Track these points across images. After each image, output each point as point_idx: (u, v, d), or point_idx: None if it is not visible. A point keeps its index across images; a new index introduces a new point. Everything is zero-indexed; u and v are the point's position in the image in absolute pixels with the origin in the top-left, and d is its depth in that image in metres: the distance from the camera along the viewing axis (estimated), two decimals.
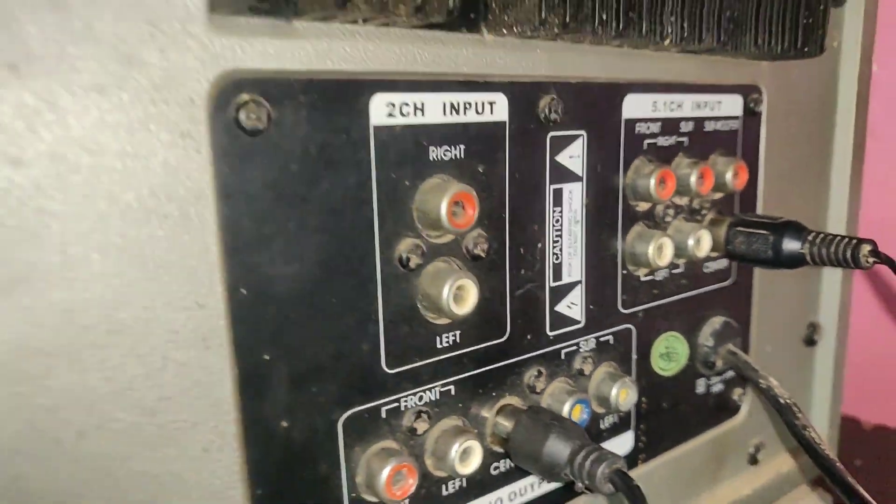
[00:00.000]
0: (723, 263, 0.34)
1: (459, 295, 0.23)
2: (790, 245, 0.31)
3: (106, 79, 0.17)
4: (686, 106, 0.30)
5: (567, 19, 0.22)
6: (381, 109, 0.21)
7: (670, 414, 0.33)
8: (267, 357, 0.20)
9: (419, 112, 0.22)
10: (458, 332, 0.25)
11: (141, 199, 0.18)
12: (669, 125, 0.30)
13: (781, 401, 0.31)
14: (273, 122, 0.19)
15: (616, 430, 0.31)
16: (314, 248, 0.21)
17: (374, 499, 0.23)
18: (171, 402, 0.19)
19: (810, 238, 0.30)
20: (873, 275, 0.55)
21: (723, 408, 0.36)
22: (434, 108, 0.23)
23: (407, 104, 0.22)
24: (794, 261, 0.31)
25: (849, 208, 0.39)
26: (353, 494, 0.23)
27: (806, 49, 0.32)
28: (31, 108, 0.16)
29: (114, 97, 0.17)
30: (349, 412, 0.22)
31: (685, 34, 0.26)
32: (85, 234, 0.17)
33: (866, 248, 0.29)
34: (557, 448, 0.24)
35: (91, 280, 0.17)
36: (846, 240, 0.30)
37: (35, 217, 0.17)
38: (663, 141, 0.30)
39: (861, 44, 0.38)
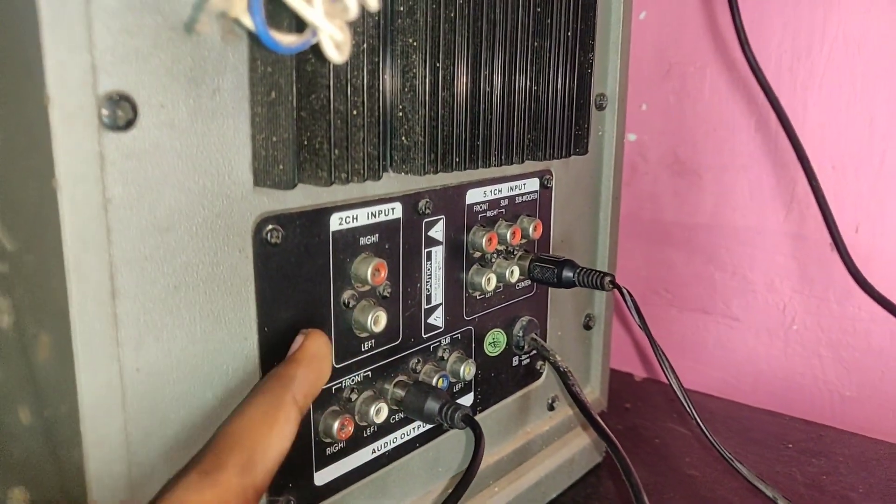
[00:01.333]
0: (527, 283, 0.52)
1: (377, 320, 0.40)
2: (566, 274, 0.50)
3: (209, 219, 0.33)
4: (503, 190, 0.49)
5: (437, 168, 0.39)
6: (336, 221, 0.38)
7: (496, 380, 0.52)
8: (276, 363, 0.36)
9: (354, 220, 0.39)
10: (373, 341, 0.42)
11: (219, 279, 0.33)
12: (494, 203, 0.48)
13: (561, 369, 0.50)
14: (284, 237, 0.35)
15: (462, 392, 0.49)
16: (302, 301, 0.37)
17: (329, 440, 0.40)
18: (218, 369, 0.35)
19: (578, 270, 0.50)
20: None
21: (530, 374, 0.55)
22: (362, 216, 0.39)
23: (349, 217, 0.39)
24: (570, 284, 0.50)
25: (609, 248, 0.59)
26: (317, 438, 0.39)
27: (578, 150, 0.51)
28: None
29: (211, 230, 0.33)
30: None
31: (503, 159, 0.44)
32: (193, 300, 0.33)
33: (607, 278, 0.48)
34: (432, 405, 0.42)
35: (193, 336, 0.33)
36: (598, 273, 0.49)
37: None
38: (490, 213, 0.48)
39: (616, 133, 0.57)
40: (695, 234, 0.83)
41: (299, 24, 0.29)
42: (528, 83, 0.44)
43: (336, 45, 0.25)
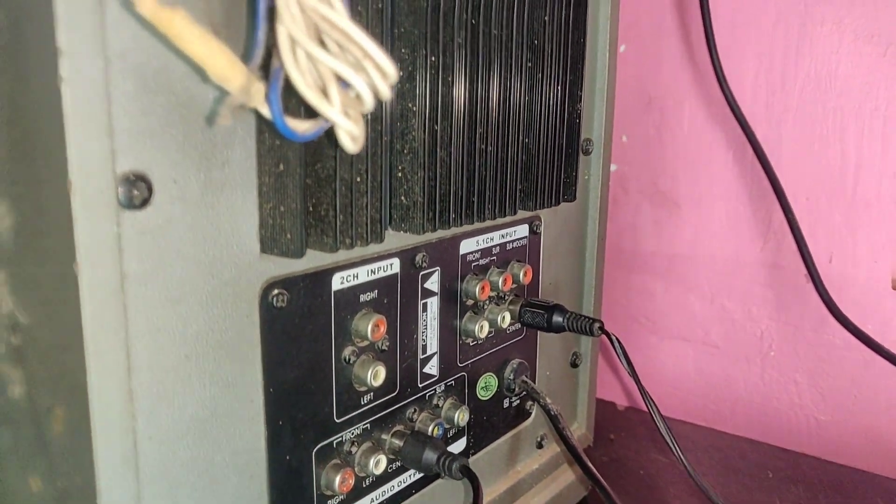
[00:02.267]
0: (518, 326, 0.54)
1: (376, 375, 0.41)
2: (556, 319, 0.51)
3: (217, 287, 0.33)
4: (495, 238, 0.50)
5: (436, 227, 0.40)
6: (338, 281, 0.39)
7: (488, 423, 0.53)
8: (280, 422, 0.37)
9: (355, 278, 0.40)
10: (372, 394, 0.42)
11: (227, 345, 0.34)
12: (486, 251, 0.49)
13: (552, 412, 0.51)
14: (289, 300, 0.36)
15: (456, 437, 0.50)
16: (306, 361, 0.38)
17: (330, 493, 0.41)
18: (226, 432, 0.36)
19: (567, 316, 0.51)
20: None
21: (520, 414, 0.56)
22: (362, 274, 0.40)
23: (349, 276, 0.39)
24: (559, 329, 0.51)
25: (595, 289, 0.61)
26: (319, 492, 0.40)
27: (566, 197, 0.52)
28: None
29: (220, 299, 0.33)
30: (318, 446, 0.40)
31: (497, 212, 0.45)
32: (203, 368, 0.33)
33: (596, 324, 0.50)
34: (430, 455, 0.43)
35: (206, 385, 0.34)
36: (587, 318, 0.50)
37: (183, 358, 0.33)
38: (482, 261, 0.49)
39: (601, 176, 0.59)
40: (674, 264, 0.84)
41: (309, 108, 0.30)
42: (520, 137, 0.45)
43: (352, 137, 0.26)
